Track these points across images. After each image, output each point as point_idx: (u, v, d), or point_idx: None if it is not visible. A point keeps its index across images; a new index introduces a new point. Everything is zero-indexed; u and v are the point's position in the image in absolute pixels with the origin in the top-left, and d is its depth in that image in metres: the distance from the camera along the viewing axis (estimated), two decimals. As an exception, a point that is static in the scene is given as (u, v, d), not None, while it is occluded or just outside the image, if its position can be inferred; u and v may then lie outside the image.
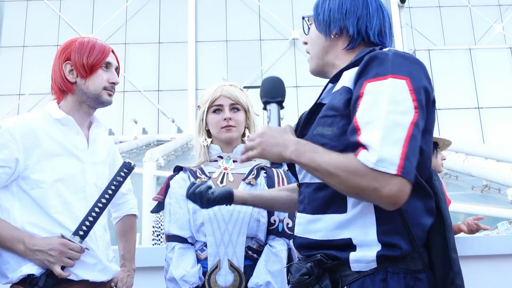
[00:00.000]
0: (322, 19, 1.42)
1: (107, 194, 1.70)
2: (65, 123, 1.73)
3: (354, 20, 1.38)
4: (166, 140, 13.84)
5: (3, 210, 1.64)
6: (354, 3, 1.40)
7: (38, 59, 16.12)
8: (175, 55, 16.65)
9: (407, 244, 1.23)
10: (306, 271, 1.26)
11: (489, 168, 9.40)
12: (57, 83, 1.77)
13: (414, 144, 1.15)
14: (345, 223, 1.25)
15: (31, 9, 17.05)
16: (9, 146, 1.62)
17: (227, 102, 1.98)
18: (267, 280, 1.81)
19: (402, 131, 1.15)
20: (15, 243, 1.59)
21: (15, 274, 1.61)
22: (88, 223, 1.65)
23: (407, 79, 1.20)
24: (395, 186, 1.12)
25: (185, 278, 1.82)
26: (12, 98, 16.24)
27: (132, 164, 1.74)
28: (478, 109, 14.41)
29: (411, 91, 1.18)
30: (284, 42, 16.66)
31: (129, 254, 2.01)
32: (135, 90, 15.49)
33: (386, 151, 1.13)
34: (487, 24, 16.94)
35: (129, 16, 16.92)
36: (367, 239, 1.23)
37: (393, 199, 1.14)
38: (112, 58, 1.79)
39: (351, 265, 1.23)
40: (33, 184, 1.63)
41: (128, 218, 2.06)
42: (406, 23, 17.26)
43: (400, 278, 1.22)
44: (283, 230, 1.90)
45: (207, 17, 17.08)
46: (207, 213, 1.87)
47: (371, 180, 1.13)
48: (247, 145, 1.32)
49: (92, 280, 1.69)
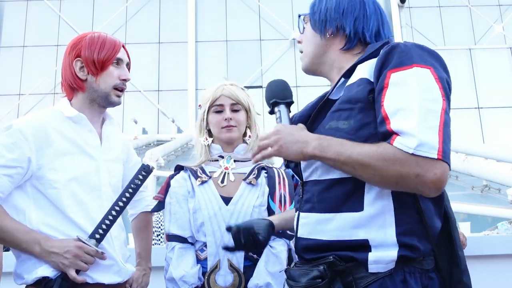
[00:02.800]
0: (318, 18, 1.40)
1: (125, 197, 1.66)
2: (77, 121, 1.70)
3: (352, 20, 1.37)
4: (166, 140, 13.84)
5: (19, 211, 1.61)
6: (352, 3, 1.38)
7: (38, 59, 16.12)
8: (175, 55, 16.65)
9: (423, 244, 1.21)
10: (319, 274, 1.20)
11: (489, 168, 9.40)
12: (67, 81, 1.73)
13: (447, 130, 1.15)
14: (362, 222, 1.20)
15: (31, 9, 17.04)
16: (20, 146, 1.59)
17: (228, 102, 1.98)
18: (267, 281, 1.81)
19: (437, 117, 1.14)
20: (31, 245, 1.57)
21: (31, 276, 1.59)
22: (105, 226, 1.62)
23: (431, 68, 1.19)
24: (438, 170, 1.11)
25: (184, 278, 1.82)
26: (12, 98, 16.24)
27: (150, 167, 1.70)
28: (478, 109, 14.41)
29: (436, 80, 1.18)
30: (284, 42, 16.66)
31: (145, 251, 1.99)
32: (135, 90, 15.49)
33: (425, 136, 1.11)
34: (487, 24, 16.94)
35: (129, 16, 16.92)
36: (385, 241, 1.18)
37: (437, 184, 1.12)
38: (123, 53, 1.76)
39: (369, 266, 1.18)
40: (48, 183, 1.61)
41: (144, 215, 2.02)
42: (406, 23, 17.26)
43: (417, 278, 1.20)
44: (283, 230, 1.90)
45: (207, 17, 17.07)
46: (207, 213, 1.87)
47: (413, 166, 1.10)
48: (261, 144, 1.28)
49: (108, 283, 1.66)
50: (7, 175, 1.57)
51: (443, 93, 1.17)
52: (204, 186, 1.93)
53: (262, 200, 1.91)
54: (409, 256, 1.19)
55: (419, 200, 1.21)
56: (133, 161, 1.92)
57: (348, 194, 1.22)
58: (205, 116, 2.02)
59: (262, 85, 15.66)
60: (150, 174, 1.70)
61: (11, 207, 1.61)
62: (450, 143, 1.15)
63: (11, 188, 1.59)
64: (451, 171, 6.25)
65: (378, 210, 1.20)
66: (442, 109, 1.15)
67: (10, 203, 1.61)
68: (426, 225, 1.21)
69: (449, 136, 1.15)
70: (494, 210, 8.36)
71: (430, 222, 1.23)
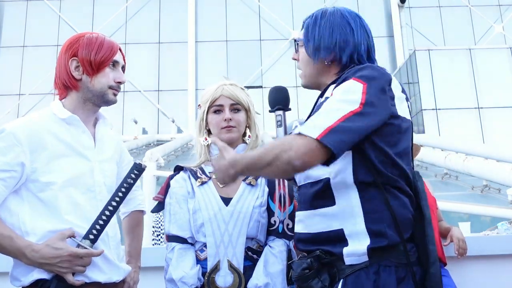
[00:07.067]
0: (312, 46, 1.56)
1: (118, 196, 1.65)
2: (71, 122, 1.69)
3: (347, 51, 1.53)
4: (166, 140, 13.85)
5: (13, 214, 1.60)
6: (343, 32, 1.53)
7: (38, 59, 16.13)
8: (175, 55, 16.67)
9: (392, 231, 1.36)
10: (307, 265, 1.40)
11: (489, 168, 9.39)
12: (61, 79, 1.71)
13: (342, 126, 1.31)
14: (335, 215, 1.41)
15: (31, 9, 17.06)
16: (13, 149, 1.57)
17: (227, 102, 1.97)
18: (266, 281, 1.81)
19: (339, 113, 1.32)
20: (18, 255, 1.56)
21: (27, 278, 1.58)
22: (99, 226, 1.61)
23: (365, 84, 1.36)
24: (305, 142, 1.29)
25: (184, 279, 1.81)
26: (12, 98, 16.25)
27: (142, 166, 1.69)
28: (478, 109, 14.40)
29: (363, 93, 1.35)
30: (284, 42, 16.67)
31: (136, 251, 1.99)
32: (135, 90, 15.50)
33: (316, 123, 1.32)
34: (487, 24, 16.95)
35: (129, 16, 16.93)
36: (356, 229, 1.37)
37: (299, 153, 1.28)
38: (119, 56, 1.75)
39: (345, 259, 1.37)
40: (43, 186, 1.60)
41: (136, 214, 2.03)
42: (406, 23, 17.27)
43: (392, 271, 1.35)
44: (283, 231, 1.90)
45: (207, 17, 17.08)
46: (207, 213, 1.87)
47: (291, 139, 1.31)
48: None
49: (104, 282, 1.66)
50: (0, 179, 1.55)
51: (364, 102, 1.34)
52: (204, 187, 1.92)
53: (262, 201, 1.91)
54: (379, 247, 1.35)
55: (385, 194, 1.38)
56: (126, 161, 1.92)
57: (322, 192, 1.44)
58: (204, 116, 2.02)
59: (262, 85, 15.67)
60: (142, 173, 1.69)
61: (4, 209, 1.60)
62: (345, 135, 1.30)
63: (6, 192, 1.58)
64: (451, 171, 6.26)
65: (347, 203, 1.40)
66: (352, 111, 1.33)
67: (3, 205, 1.60)
68: (394, 214, 1.37)
69: (340, 130, 1.30)
70: (494, 210, 8.35)
71: (398, 211, 1.38)
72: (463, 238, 2.44)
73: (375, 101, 1.35)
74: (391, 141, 1.40)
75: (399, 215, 1.38)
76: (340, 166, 1.41)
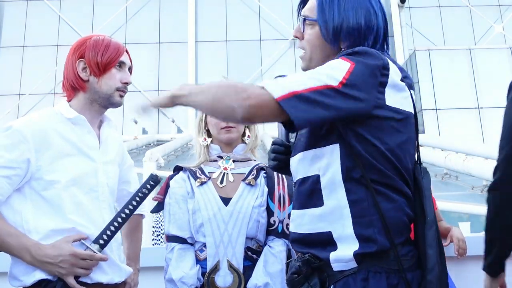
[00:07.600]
0: (332, 28, 1.36)
1: (131, 205, 1.67)
2: (77, 122, 1.71)
3: (370, 36, 1.36)
4: (166, 140, 13.85)
5: (15, 212, 1.60)
6: (368, 13, 1.36)
7: (38, 59, 16.13)
8: (175, 55, 16.68)
9: (382, 236, 1.24)
10: (295, 270, 1.32)
11: (489, 168, 9.38)
12: (69, 81, 1.74)
13: (316, 98, 1.18)
14: (324, 216, 1.29)
15: (31, 9, 17.06)
16: (19, 147, 1.58)
17: (226, 102, 1.97)
18: (266, 281, 1.81)
19: (313, 82, 1.19)
20: (22, 252, 1.55)
21: (29, 279, 1.57)
22: (110, 232, 1.62)
23: (353, 64, 1.22)
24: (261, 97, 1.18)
25: (183, 279, 1.82)
26: (12, 98, 16.25)
27: (158, 177, 1.72)
28: (478, 109, 14.41)
29: (348, 72, 1.21)
30: (284, 42, 16.68)
31: (135, 254, 1.99)
32: (135, 90, 15.50)
33: (283, 82, 1.19)
34: (487, 24, 16.96)
35: (129, 16, 16.94)
36: (345, 232, 1.26)
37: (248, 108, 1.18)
38: (125, 57, 1.78)
39: (332, 265, 1.27)
40: (47, 185, 1.60)
41: (135, 217, 2.00)
42: (406, 23, 17.27)
43: (382, 277, 1.23)
44: (282, 230, 1.90)
45: (207, 17, 17.09)
46: (206, 213, 1.87)
47: (251, 87, 1.20)
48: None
49: (106, 283, 1.66)
50: (5, 177, 1.56)
51: (344, 82, 1.19)
52: (204, 187, 1.92)
53: (262, 201, 1.91)
54: (367, 253, 1.23)
55: (375, 195, 1.25)
56: (127, 164, 1.94)
57: (310, 191, 1.32)
58: (203, 116, 2.02)
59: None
60: (158, 184, 1.72)
61: (7, 207, 1.61)
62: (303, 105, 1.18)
63: (11, 190, 1.58)
64: (451, 171, 6.26)
65: (335, 204, 1.28)
66: (328, 84, 1.19)
67: (7, 203, 1.61)
68: (384, 218, 1.24)
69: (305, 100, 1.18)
70: (494, 210, 8.33)
71: (389, 214, 1.25)
72: (463, 238, 2.44)
73: (359, 84, 1.20)
74: (379, 134, 1.25)
75: (391, 218, 1.25)
76: (328, 161, 1.29)
